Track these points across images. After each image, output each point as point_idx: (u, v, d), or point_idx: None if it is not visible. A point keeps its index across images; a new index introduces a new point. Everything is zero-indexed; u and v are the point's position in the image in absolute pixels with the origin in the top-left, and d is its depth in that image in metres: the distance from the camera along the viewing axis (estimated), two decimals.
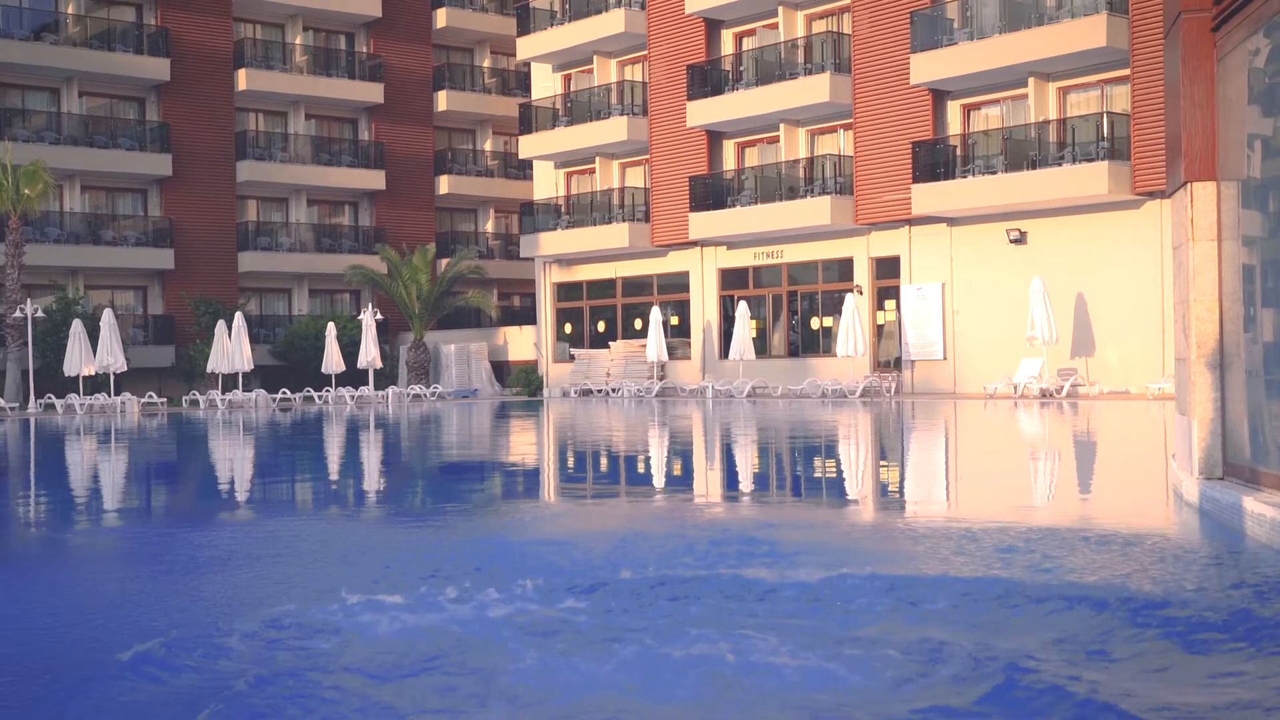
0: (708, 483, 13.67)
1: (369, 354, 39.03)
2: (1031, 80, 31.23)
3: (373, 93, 47.67)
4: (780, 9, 36.53)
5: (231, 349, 37.53)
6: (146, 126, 43.99)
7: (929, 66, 32.27)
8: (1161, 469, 13.26)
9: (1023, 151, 31.13)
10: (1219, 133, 9.38)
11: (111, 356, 35.91)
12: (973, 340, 32.88)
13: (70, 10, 42.80)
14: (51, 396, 36.33)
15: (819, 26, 36.56)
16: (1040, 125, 31.07)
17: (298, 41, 47.00)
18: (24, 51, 41.42)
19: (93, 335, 36.99)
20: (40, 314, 37.14)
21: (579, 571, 7.21)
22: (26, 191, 37.16)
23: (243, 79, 45.24)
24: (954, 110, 33.36)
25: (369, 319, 39.46)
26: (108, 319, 36.22)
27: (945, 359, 33.35)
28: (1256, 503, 7.97)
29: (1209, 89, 9.42)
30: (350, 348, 41.34)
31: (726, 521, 10.12)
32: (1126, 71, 29.79)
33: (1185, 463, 9.90)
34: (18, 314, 36.56)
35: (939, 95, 33.28)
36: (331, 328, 39.58)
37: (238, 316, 38.09)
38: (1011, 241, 31.92)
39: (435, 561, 7.80)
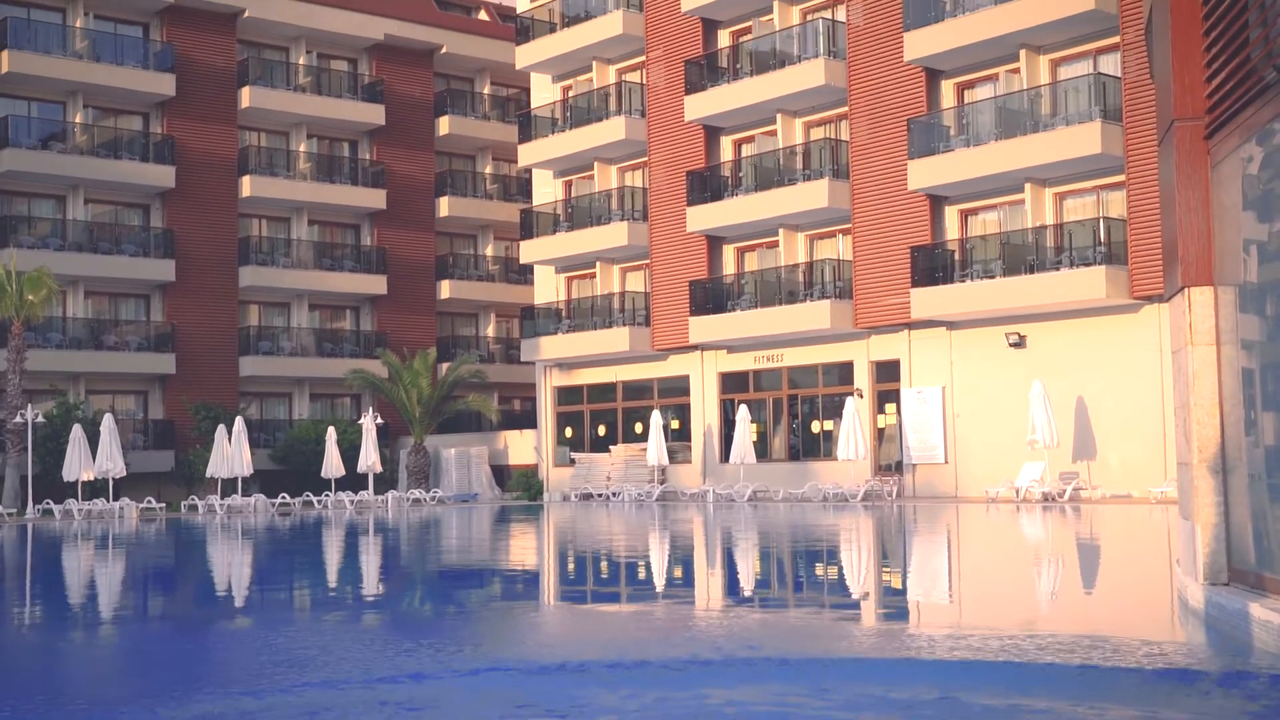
0: (709, 595, 13.54)
1: (369, 458, 38.93)
2: (1028, 186, 31.52)
3: (375, 199, 48.10)
4: (779, 116, 36.98)
5: (231, 454, 37.44)
6: (151, 233, 44.34)
7: (926, 172, 32.60)
8: (1166, 574, 13.15)
9: (1020, 256, 31.32)
10: (1214, 238, 9.45)
11: (111, 462, 35.81)
12: (974, 444, 32.82)
13: (78, 120, 43.35)
14: (50, 502, 36.18)
15: (817, 133, 36.99)
16: (1037, 230, 31.30)
17: (301, 149, 47.53)
18: (32, 160, 41.88)
19: (92, 440, 36.91)
20: (40, 419, 37.11)
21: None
22: (30, 297, 37.34)
23: (247, 185, 45.68)
24: (952, 215, 33.63)
25: (369, 423, 39.42)
26: (108, 424, 36.18)
27: (946, 462, 33.25)
28: (1263, 609, 7.89)
29: (1204, 195, 9.51)
30: (350, 452, 41.25)
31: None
32: (1122, 178, 30.07)
33: (1190, 568, 9.82)
34: (18, 419, 36.53)
35: (937, 200, 33.57)
36: (332, 432, 39.52)
37: (238, 421, 38.05)
38: (1011, 345, 32.00)
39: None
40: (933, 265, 32.77)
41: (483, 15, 52.90)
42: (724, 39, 39.08)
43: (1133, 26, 28.97)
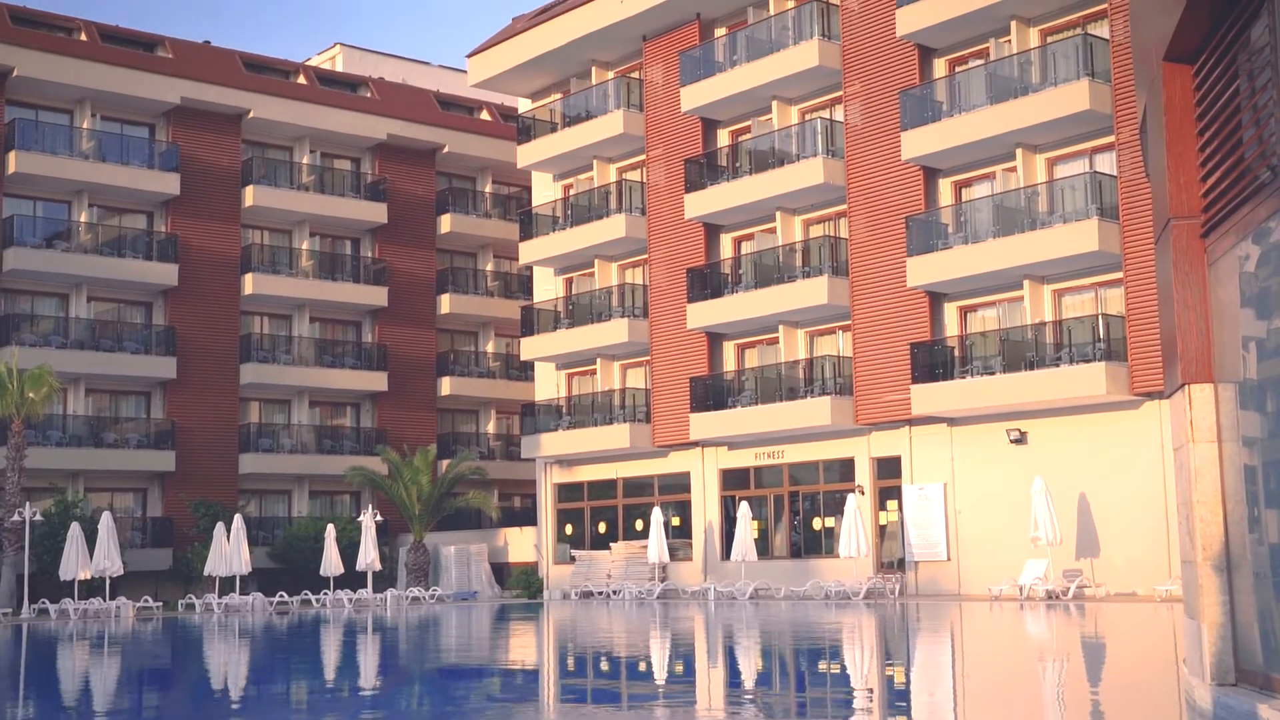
0: (711, 696, 13.39)
1: (368, 556, 38.70)
2: (1026, 283, 31.66)
3: (377, 296, 48.35)
4: (778, 214, 37.28)
5: (230, 552, 37.23)
6: (153, 330, 44.49)
7: (925, 270, 32.77)
8: (1173, 675, 13.00)
9: (1020, 352, 31.39)
10: (1213, 336, 9.46)
11: (108, 560, 35.60)
12: (976, 541, 32.63)
13: (83, 219, 43.71)
14: (45, 601, 35.88)
15: (816, 231, 37.25)
16: (1037, 327, 31.39)
17: (304, 247, 47.86)
18: (36, 259, 42.16)
19: (90, 538, 36.72)
20: (38, 517, 36.93)
21: None
22: (31, 395, 37.37)
23: (249, 283, 45.93)
24: (951, 312, 33.76)
25: (368, 520, 39.25)
26: (106, 522, 36.02)
27: (949, 560, 33.04)
28: (1272, 711, 7.79)
29: (1202, 293, 9.54)
30: (349, 549, 41.01)
31: None
32: (1120, 275, 30.22)
33: (1196, 668, 9.70)
34: (16, 518, 36.37)
35: (936, 297, 33.71)
36: (331, 529, 39.33)
37: (237, 519, 37.88)
38: (1012, 442, 31.95)
39: None
40: (933, 362, 32.83)
41: (485, 115, 53.54)
42: (723, 138, 39.52)
43: (1127, 126, 29.30)
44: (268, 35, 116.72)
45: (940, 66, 34.24)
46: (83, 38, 44.62)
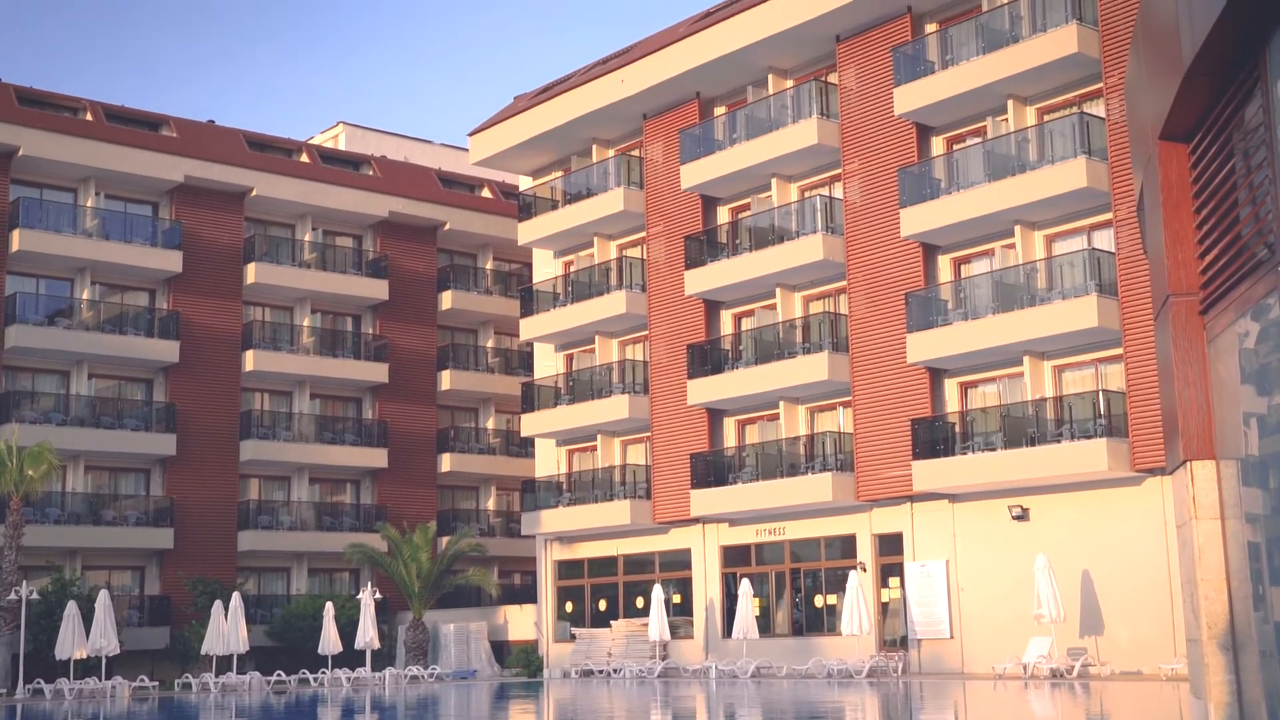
0: None
1: (367, 634, 38.40)
2: (1027, 359, 31.70)
3: (378, 373, 48.40)
4: (778, 290, 37.40)
5: (228, 630, 36.94)
6: (153, 407, 44.48)
7: (925, 346, 32.82)
8: None
9: (1021, 429, 31.34)
10: (1214, 412, 9.46)
11: (105, 639, 35.32)
12: (979, 618, 32.39)
13: (85, 296, 43.85)
14: (41, 681, 35.54)
15: (816, 307, 37.36)
16: (1037, 403, 31.38)
17: (305, 324, 47.99)
18: (38, 336, 42.24)
19: (87, 617, 36.46)
20: (35, 596, 36.67)
21: None
22: (30, 473, 37.25)
23: (250, 360, 45.99)
24: (951, 387, 33.77)
25: (367, 598, 38.98)
26: (103, 600, 35.78)
27: (952, 637, 32.77)
28: None
29: (1202, 370, 9.55)
30: (348, 628, 40.69)
31: None
32: (1119, 351, 30.26)
33: None
34: (12, 596, 36.11)
35: (936, 373, 33.73)
36: (330, 608, 39.06)
37: (235, 597, 37.63)
38: (1014, 518, 31.81)
39: None
40: (933, 438, 32.78)
41: (486, 193, 53.91)
42: (723, 215, 39.76)
43: (1125, 203, 29.48)
44: (272, 114, 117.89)
45: (938, 144, 34.52)
46: (88, 117, 45.02)
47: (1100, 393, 30.30)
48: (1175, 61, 8.87)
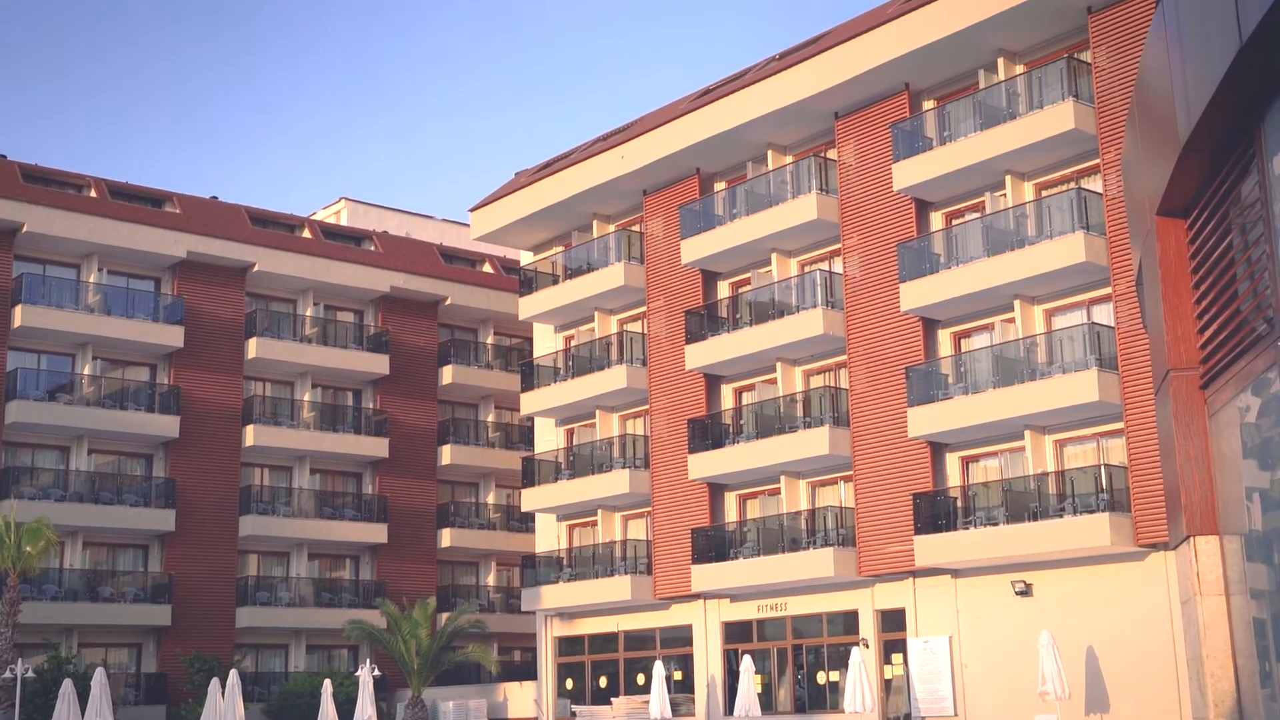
0: None
1: (365, 712, 37.94)
2: (1028, 433, 31.65)
3: (378, 447, 48.31)
4: (778, 364, 37.43)
5: (225, 708, 36.48)
6: (153, 482, 44.36)
7: (926, 420, 32.79)
8: None
9: (1023, 503, 31.22)
10: (1217, 487, 9.43)
11: (100, 718, 34.91)
12: (984, 695, 32.07)
13: (86, 371, 43.88)
14: None
15: (816, 381, 37.36)
16: (1039, 477, 31.28)
17: (306, 399, 47.98)
18: (38, 411, 42.21)
19: (83, 695, 36.06)
20: (30, 674, 36.33)
21: None
22: (28, 550, 37.02)
23: (250, 435, 45.94)
24: (953, 462, 33.69)
25: (366, 675, 38.57)
26: (99, 679, 35.39)
27: (956, 715, 32.42)
28: None
29: (1203, 444, 9.54)
30: (346, 705, 40.21)
31: None
32: (1120, 425, 30.20)
33: None
34: (7, 674, 35.77)
35: (937, 447, 33.67)
36: (328, 685, 38.63)
37: (232, 674, 37.22)
38: (1017, 594, 31.59)
39: None
40: (935, 512, 32.65)
41: (487, 267, 54.14)
42: (723, 290, 39.88)
43: (1124, 278, 29.58)
44: (275, 190, 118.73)
45: (937, 219, 34.71)
46: (92, 194, 45.33)
47: (1102, 467, 30.22)
48: (1171, 139, 8.94)
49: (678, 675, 39.11)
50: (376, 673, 39.48)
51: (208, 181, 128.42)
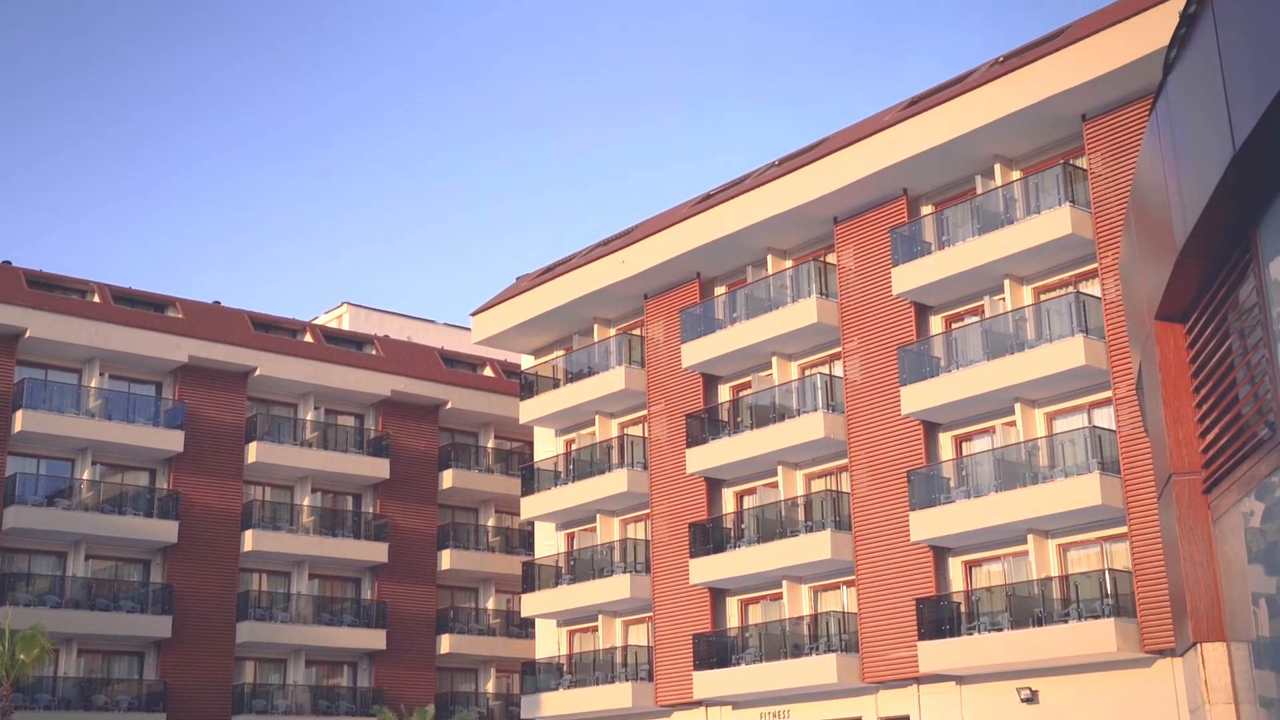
0: None
1: None
2: (1031, 537, 31.45)
3: (377, 552, 47.99)
4: (780, 468, 37.31)
5: None
6: (150, 588, 43.99)
7: (928, 524, 32.61)
8: None
9: (1027, 608, 30.92)
10: (1223, 592, 9.34)
11: None
12: None
13: (85, 476, 43.72)
14: None
15: (818, 485, 37.22)
16: (1043, 582, 31.01)
17: (305, 503, 47.77)
18: (36, 517, 41.99)
19: None
20: None
21: None
22: (22, 657, 36.56)
23: (249, 540, 45.65)
24: (956, 566, 33.43)
25: None
26: None
27: None
28: None
29: (1208, 550, 9.47)
30: None
31: None
32: (1124, 529, 30.00)
33: None
34: None
35: (940, 552, 33.44)
36: None
37: None
38: (1023, 701, 31.16)
39: None
40: (939, 617, 32.34)
41: (488, 371, 54.21)
42: (724, 393, 39.89)
43: (1124, 381, 29.60)
44: (277, 295, 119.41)
45: (937, 323, 34.83)
46: (96, 299, 45.54)
47: (1106, 571, 29.97)
48: (1168, 244, 8.99)
49: None
50: None
51: (211, 286, 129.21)
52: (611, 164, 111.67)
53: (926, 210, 35.33)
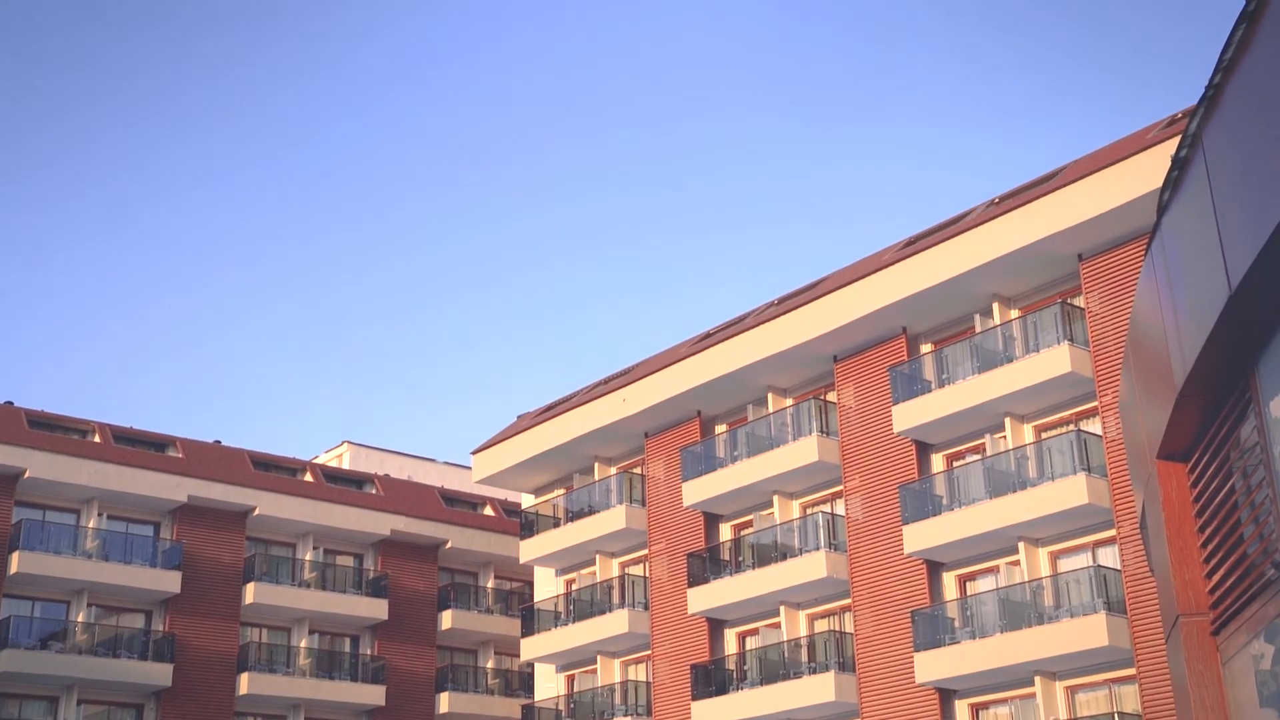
0: None
1: None
2: (1038, 679, 30.96)
3: (374, 695, 47.21)
4: (782, 609, 36.93)
5: None
6: None
7: (933, 666, 32.14)
8: None
9: None
10: None
11: None
12: None
13: (80, 618, 43.21)
14: None
15: (821, 625, 36.78)
16: None
17: (303, 645, 47.16)
18: (29, 661, 41.37)
19: None
20: None
21: None
22: None
23: (245, 683, 44.93)
24: (962, 709, 32.86)
25: None
26: None
27: None
28: None
29: (1218, 693, 9.30)
30: None
31: None
32: (1132, 670, 29.56)
33: None
34: None
35: (945, 694, 32.90)
36: None
37: None
38: None
39: None
40: None
41: (488, 510, 53.97)
42: (726, 532, 39.65)
43: (1127, 520, 29.42)
44: (278, 434, 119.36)
45: (938, 461, 34.75)
46: (96, 439, 45.52)
47: (1116, 715, 29.44)
48: (1167, 383, 9.00)
49: None
50: None
51: (211, 426, 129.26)
52: (613, 304, 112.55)
53: (926, 348, 35.49)
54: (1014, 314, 33.67)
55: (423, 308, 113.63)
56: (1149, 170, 28.72)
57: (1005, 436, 33.07)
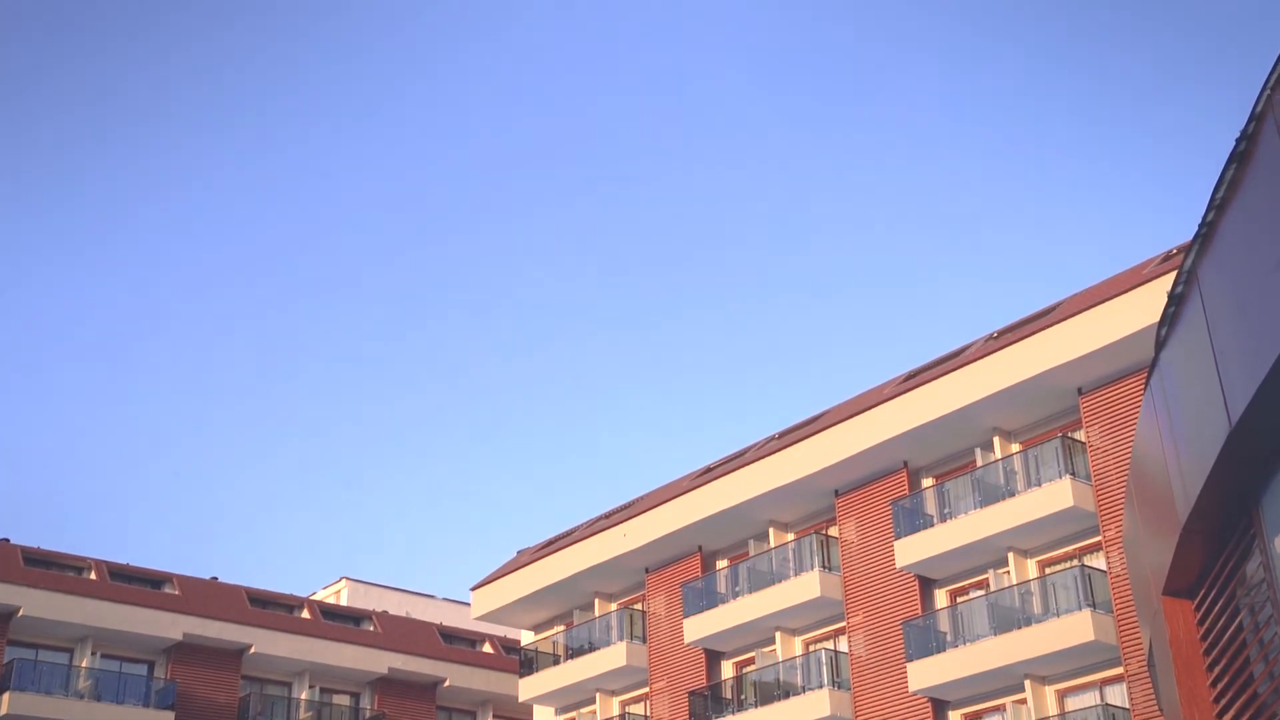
0: None
1: None
2: None
3: None
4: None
5: None
6: None
7: None
8: None
9: None
10: None
11: None
12: None
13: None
14: None
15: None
16: None
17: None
18: None
19: None
20: None
21: None
22: None
23: None
24: None
25: None
26: None
27: None
28: None
29: None
30: None
31: None
32: None
33: None
34: None
35: None
36: None
37: None
38: None
39: None
40: None
41: (487, 647, 53.29)
42: (727, 669, 39.09)
43: (1134, 656, 29.02)
44: (275, 570, 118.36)
45: (941, 596, 34.39)
46: (92, 576, 45.11)
47: None
48: (1170, 519, 8.95)
49: None
50: None
51: (209, 563, 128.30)
52: (612, 436, 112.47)
53: (927, 482, 35.35)
54: (1015, 447, 33.61)
55: (421, 443, 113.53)
56: (1146, 305, 28.89)
57: (1009, 571, 32.78)
